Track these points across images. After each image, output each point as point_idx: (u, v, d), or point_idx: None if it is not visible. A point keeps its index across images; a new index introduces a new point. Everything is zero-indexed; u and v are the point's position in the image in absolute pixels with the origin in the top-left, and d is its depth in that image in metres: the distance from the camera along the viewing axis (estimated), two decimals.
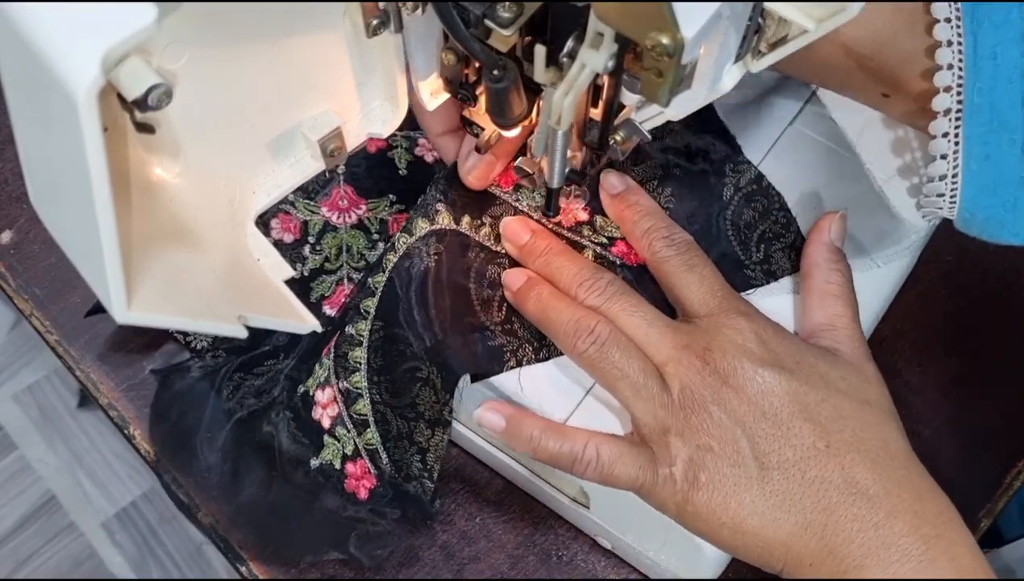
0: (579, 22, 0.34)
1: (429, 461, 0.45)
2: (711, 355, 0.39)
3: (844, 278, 0.43)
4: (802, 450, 0.38)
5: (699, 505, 0.38)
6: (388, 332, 0.45)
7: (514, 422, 0.41)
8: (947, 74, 0.38)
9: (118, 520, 1.31)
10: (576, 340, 0.41)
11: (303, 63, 0.38)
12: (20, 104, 0.31)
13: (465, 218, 0.46)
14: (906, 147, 0.49)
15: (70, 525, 1.31)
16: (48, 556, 1.29)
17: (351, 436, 0.45)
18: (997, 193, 0.39)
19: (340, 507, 0.46)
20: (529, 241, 0.45)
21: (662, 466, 0.39)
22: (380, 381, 0.45)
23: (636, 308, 0.41)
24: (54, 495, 1.33)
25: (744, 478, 0.38)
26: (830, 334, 0.42)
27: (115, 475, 1.33)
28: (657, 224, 0.44)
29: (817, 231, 0.45)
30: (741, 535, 0.38)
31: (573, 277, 0.43)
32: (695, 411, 0.39)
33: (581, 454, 0.40)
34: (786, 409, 0.38)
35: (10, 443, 1.35)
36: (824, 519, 0.37)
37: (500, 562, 0.51)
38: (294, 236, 0.49)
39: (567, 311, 0.41)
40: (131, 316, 0.31)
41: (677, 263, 0.42)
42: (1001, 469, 0.53)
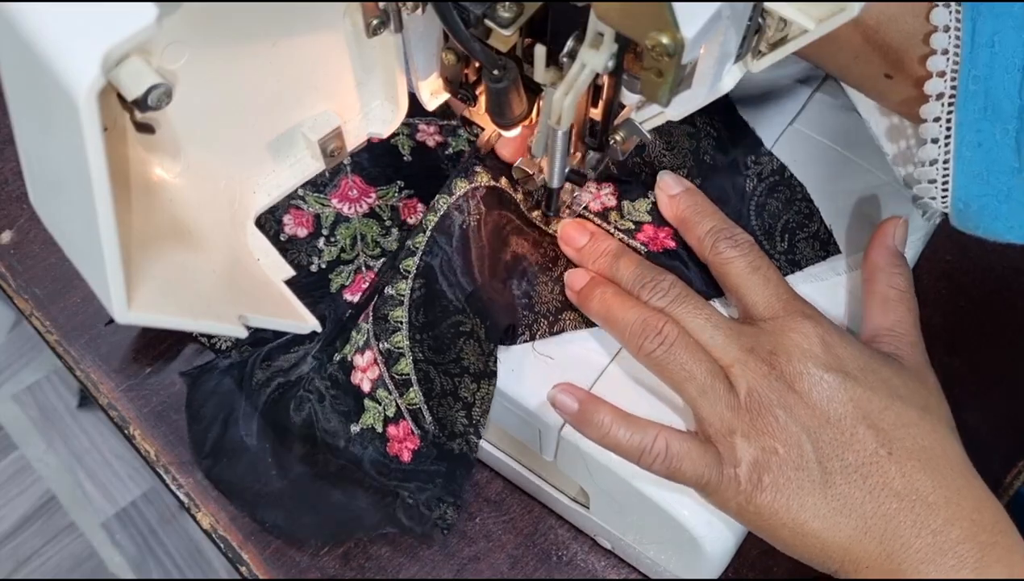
0: (579, 22, 0.34)
1: (475, 416, 0.45)
2: (777, 359, 0.40)
3: (906, 282, 0.44)
4: (865, 456, 0.38)
5: (761, 506, 0.39)
6: (430, 289, 0.45)
7: (587, 407, 0.41)
8: (941, 59, 0.39)
9: (118, 520, 1.31)
10: (643, 341, 0.41)
11: (303, 63, 0.38)
12: (20, 104, 0.31)
13: (503, 179, 0.47)
14: (905, 143, 0.49)
15: (70, 525, 1.31)
16: (48, 556, 1.29)
17: (393, 398, 0.45)
18: (990, 182, 0.39)
19: (381, 474, 0.46)
20: (588, 244, 0.45)
21: (727, 466, 0.39)
22: (423, 339, 0.45)
23: (700, 310, 0.41)
24: (54, 495, 1.33)
25: (807, 482, 0.38)
26: (892, 340, 0.42)
27: (115, 475, 1.34)
28: (719, 225, 0.44)
29: (880, 235, 0.45)
30: (802, 537, 0.38)
31: (636, 278, 0.43)
32: (761, 414, 0.39)
33: (651, 446, 0.39)
34: (850, 416, 0.39)
35: (10, 443, 1.35)
36: (884, 524, 0.38)
37: (500, 562, 0.51)
38: (308, 230, 0.49)
39: (633, 311, 0.41)
40: (131, 316, 0.32)
41: (742, 265, 0.42)
42: (1001, 469, 0.53)
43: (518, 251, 0.46)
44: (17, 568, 1.28)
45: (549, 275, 0.46)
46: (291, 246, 0.48)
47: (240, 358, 0.49)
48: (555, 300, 0.45)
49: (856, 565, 0.38)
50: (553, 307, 0.45)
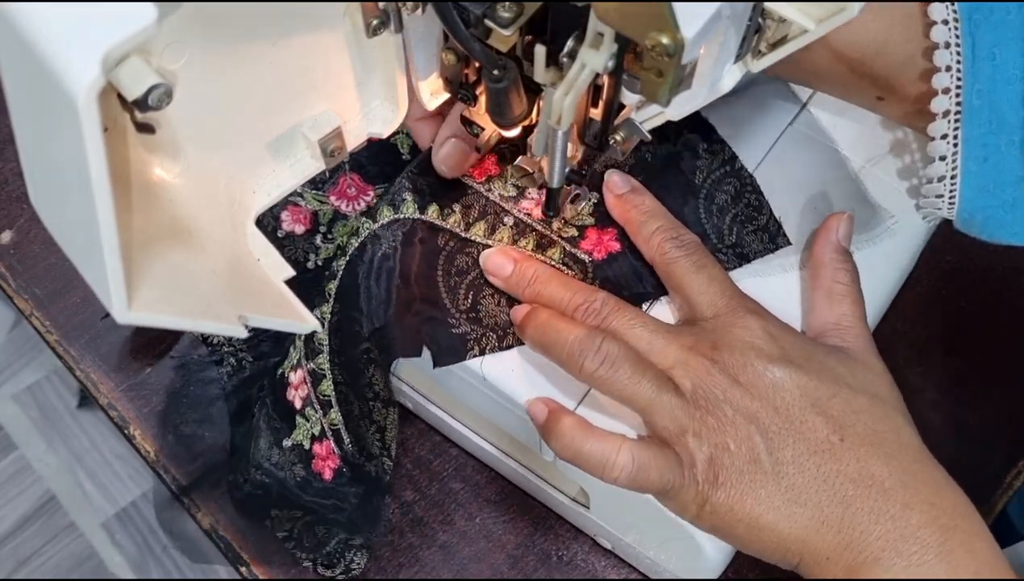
0: (579, 22, 0.34)
1: (388, 439, 0.46)
2: (719, 354, 0.39)
3: (851, 277, 0.43)
4: (816, 444, 0.38)
5: (717, 504, 0.38)
6: (345, 314, 0.45)
7: (554, 416, 0.40)
8: (945, 76, 0.38)
9: (118, 520, 1.31)
10: (583, 361, 0.40)
11: (303, 63, 0.38)
12: (20, 104, 0.31)
13: (432, 207, 0.46)
14: (905, 149, 0.49)
15: (70, 525, 1.31)
16: (48, 556, 1.29)
17: (318, 417, 0.46)
18: (996, 194, 0.39)
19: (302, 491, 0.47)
20: (514, 271, 0.44)
21: (686, 467, 0.39)
22: (339, 362, 0.46)
23: (635, 320, 0.41)
24: (54, 495, 1.33)
25: (759, 474, 0.38)
26: (837, 333, 0.42)
27: (115, 475, 1.34)
28: (664, 225, 0.43)
29: (824, 230, 0.45)
30: (757, 531, 0.38)
31: (568, 303, 0.42)
32: (709, 411, 0.39)
33: (614, 459, 0.39)
34: (798, 404, 0.38)
35: (10, 443, 1.35)
36: (840, 512, 0.37)
37: (500, 562, 0.51)
38: (305, 227, 0.49)
39: (568, 331, 0.41)
40: (132, 316, 0.31)
41: (686, 265, 0.42)
42: (1001, 469, 0.53)
43: (460, 265, 0.45)
44: (17, 568, 1.28)
45: (494, 288, 0.45)
46: (288, 243, 0.49)
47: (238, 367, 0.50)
48: (502, 313, 0.45)
49: (815, 557, 0.37)
50: (500, 321, 0.44)
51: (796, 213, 0.48)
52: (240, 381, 0.51)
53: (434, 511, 0.52)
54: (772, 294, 0.44)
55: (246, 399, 0.50)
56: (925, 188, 0.42)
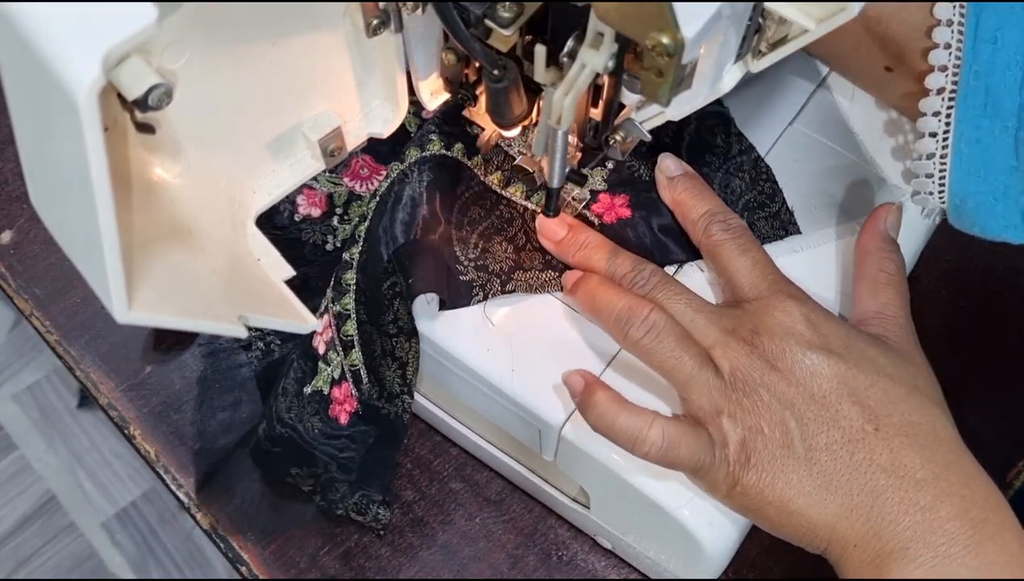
0: (579, 22, 0.34)
1: (408, 375, 0.46)
2: (759, 338, 0.40)
3: (897, 267, 0.43)
4: (850, 432, 0.38)
5: (748, 486, 0.38)
6: (372, 252, 0.46)
7: (589, 388, 0.41)
8: (943, 53, 0.38)
9: (118, 520, 1.31)
10: (629, 328, 0.40)
11: (303, 63, 0.38)
12: (21, 104, 0.31)
13: (458, 145, 0.47)
14: (905, 143, 0.49)
15: (70, 525, 1.31)
16: (48, 556, 1.29)
17: (339, 359, 0.46)
18: (987, 179, 0.39)
19: (321, 437, 0.47)
20: (567, 236, 0.45)
21: (718, 447, 0.39)
22: (364, 301, 0.46)
23: (680, 295, 0.42)
24: (54, 495, 1.33)
25: (792, 459, 0.38)
26: (880, 322, 0.42)
27: (115, 475, 1.33)
28: (713, 208, 0.44)
29: (873, 220, 0.45)
30: (787, 515, 0.38)
31: (615, 270, 0.43)
32: (746, 393, 0.39)
33: (646, 433, 0.39)
34: (834, 392, 0.38)
35: (10, 443, 1.35)
36: (871, 501, 0.37)
37: (500, 562, 0.51)
38: (321, 209, 0.50)
39: (617, 298, 0.41)
40: (132, 316, 0.31)
41: (732, 247, 0.42)
42: (1001, 469, 0.53)
43: (473, 214, 0.46)
44: (17, 568, 1.28)
45: (503, 235, 0.46)
46: (306, 226, 0.49)
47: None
48: (508, 260, 0.45)
49: (843, 543, 0.38)
50: (506, 266, 0.45)
51: (799, 207, 0.48)
52: (270, 363, 0.51)
53: (434, 511, 0.52)
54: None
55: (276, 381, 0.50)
56: (915, 165, 0.42)
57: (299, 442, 0.47)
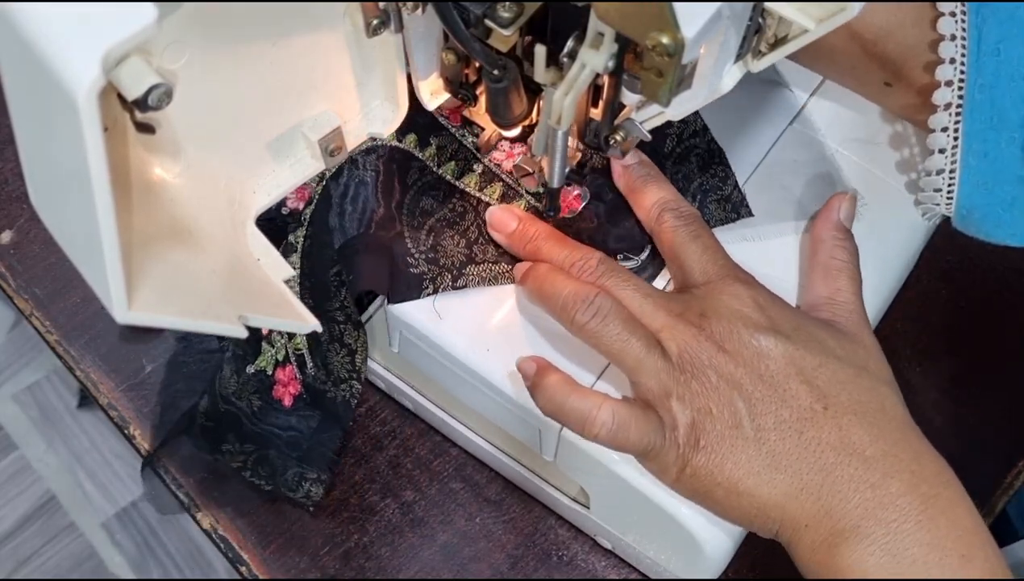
0: (579, 22, 0.34)
1: (357, 362, 0.46)
2: (707, 321, 0.40)
3: (849, 254, 0.44)
4: (799, 411, 0.38)
5: (698, 467, 0.38)
6: (318, 238, 0.46)
7: (541, 372, 0.41)
8: (949, 68, 0.38)
9: (118, 520, 1.31)
10: (575, 313, 0.41)
11: (303, 63, 0.38)
12: (20, 104, 0.31)
13: (411, 136, 0.47)
14: (904, 145, 0.49)
15: (70, 525, 1.31)
16: (48, 556, 1.29)
17: (283, 342, 0.47)
18: (994, 191, 0.39)
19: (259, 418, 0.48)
20: (517, 228, 0.45)
21: (668, 430, 0.39)
22: (308, 285, 0.46)
23: (628, 281, 0.42)
24: (54, 495, 1.33)
25: (740, 439, 0.38)
26: (830, 307, 0.42)
27: (115, 475, 1.33)
28: (666, 196, 0.44)
29: (826, 209, 0.45)
30: (736, 496, 0.38)
31: (564, 259, 0.43)
32: (694, 375, 0.39)
33: (596, 414, 0.39)
34: (782, 372, 0.39)
35: (10, 443, 1.35)
36: (820, 479, 0.37)
37: (500, 562, 0.51)
38: (306, 203, 0.50)
39: (564, 284, 0.42)
40: (132, 316, 0.31)
41: (683, 234, 0.43)
42: (1001, 469, 0.53)
43: (425, 206, 0.46)
44: (17, 568, 1.28)
45: (455, 229, 0.46)
46: (292, 220, 0.49)
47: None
48: (459, 254, 0.46)
49: (794, 524, 0.38)
50: (457, 261, 0.45)
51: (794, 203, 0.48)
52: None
53: (434, 511, 0.52)
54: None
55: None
56: (923, 181, 0.42)
57: (242, 419, 0.48)
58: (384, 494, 0.52)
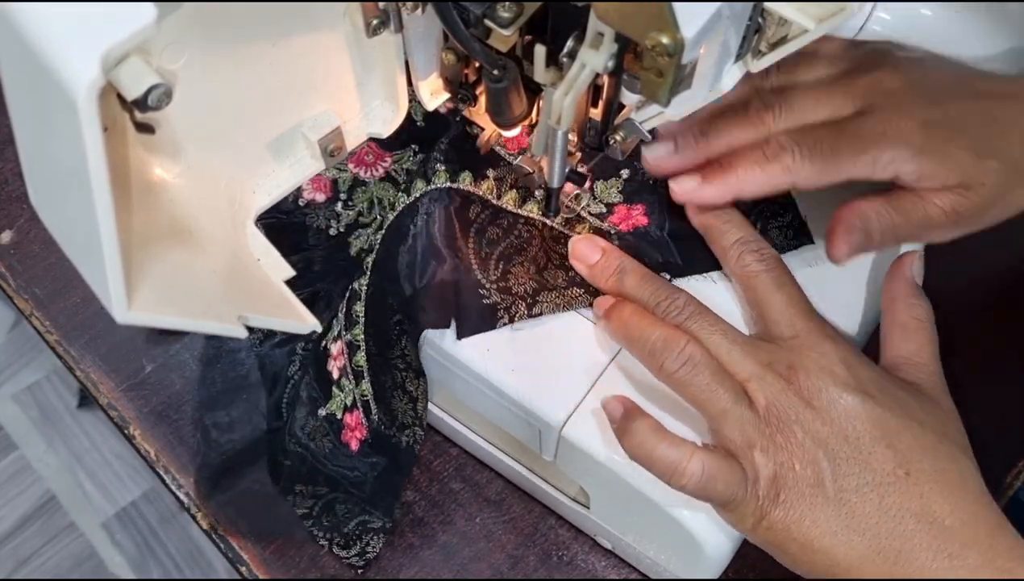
0: (579, 22, 0.34)
1: (419, 410, 0.47)
2: (795, 375, 0.40)
3: (926, 314, 0.44)
4: (882, 475, 0.38)
5: (775, 521, 0.38)
6: (379, 286, 0.46)
7: (629, 415, 0.41)
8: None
9: (118, 520, 1.31)
10: (664, 360, 0.40)
11: (303, 63, 0.38)
12: (20, 104, 0.31)
13: (465, 174, 0.47)
14: None
15: (70, 525, 1.31)
16: (48, 556, 1.29)
17: (351, 387, 0.47)
18: None
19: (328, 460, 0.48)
20: (600, 260, 0.44)
21: (750, 482, 0.39)
22: (372, 333, 0.46)
23: (715, 325, 0.41)
24: (54, 495, 1.33)
25: (821, 498, 0.38)
26: (911, 368, 0.42)
27: (115, 475, 1.34)
28: (745, 237, 0.44)
29: (899, 266, 0.45)
30: (811, 553, 0.38)
31: (649, 296, 0.42)
32: (780, 429, 0.39)
33: (686, 466, 0.39)
34: (868, 434, 0.39)
35: (10, 443, 1.36)
36: (899, 545, 0.37)
37: (500, 562, 0.51)
38: (326, 194, 0.50)
39: (653, 329, 0.41)
40: (131, 316, 0.31)
41: (767, 281, 0.42)
42: (1001, 469, 0.53)
43: (491, 236, 0.46)
44: (17, 568, 1.28)
45: (524, 256, 0.46)
46: (310, 210, 0.49)
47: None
48: (531, 281, 0.45)
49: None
50: (530, 289, 0.45)
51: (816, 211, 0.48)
52: (271, 347, 0.51)
53: (434, 511, 0.52)
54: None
55: (280, 366, 0.50)
56: None
57: (310, 459, 0.48)
58: None
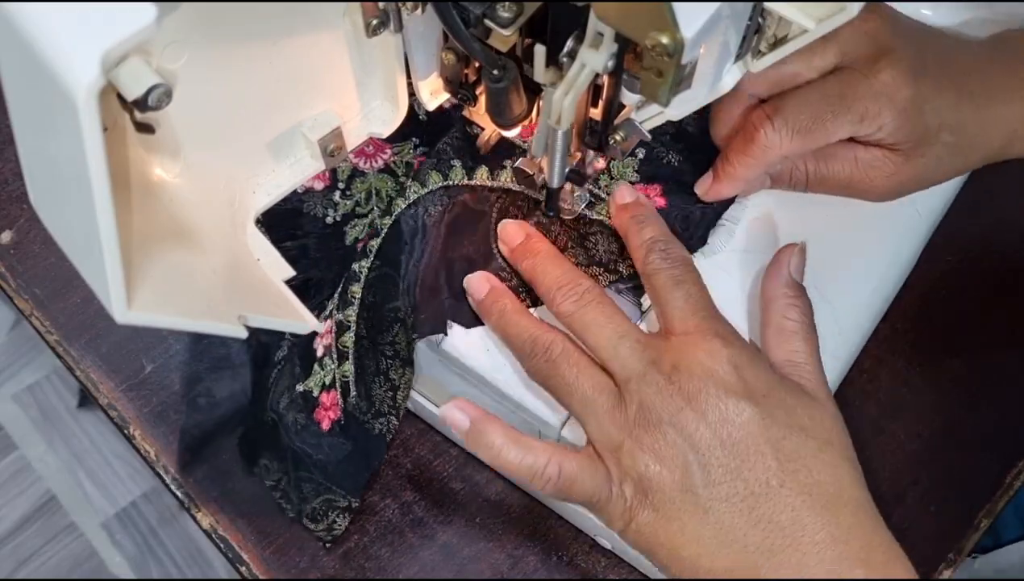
0: (579, 22, 0.34)
1: (399, 399, 0.46)
2: (678, 375, 0.38)
3: (801, 313, 0.42)
4: (754, 485, 0.37)
5: (642, 524, 0.38)
6: (383, 272, 0.46)
7: (478, 426, 0.40)
8: None
9: (118, 520, 1.31)
10: (531, 357, 0.41)
11: (303, 63, 0.38)
12: (20, 104, 0.31)
13: (481, 170, 0.47)
14: None
15: (70, 525, 1.31)
16: (48, 556, 1.29)
17: (332, 367, 0.47)
18: None
19: (298, 436, 0.48)
20: (523, 243, 0.45)
21: (614, 484, 0.38)
22: (366, 316, 0.46)
23: (609, 319, 0.40)
24: (54, 495, 1.33)
25: (690, 504, 0.37)
26: (793, 369, 0.41)
27: (115, 475, 1.34)
28: (656, 237, 0.43)
29: (776, 265, 0.44)
30: (677, 560, 0.37)
31: (554, 280, 0.42)
32: (649, 430, 0.38)
33: (542, 470, 0.39)
34: (745, 441, 0.37)
35: (10, 443, 1.35)
36: (764, 561, 0.36)
37: (500, 562, 0.51)
38: (324, 183, 0.50)
39: (524, 328, 0.41)
40: (131, 316, 0.31)
41: (666, 277, 0.41)
42: (1001, 469, 0.53)
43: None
44: (17, 568, 1.28)
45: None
46: (308, 198, 0.49)
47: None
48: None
49: None
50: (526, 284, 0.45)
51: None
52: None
53: (434, 511, 0.52)
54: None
55: (266, 342, 0.50)
56: None
57: (283, 433, 0.48)
58: (384, 494, 0.52)
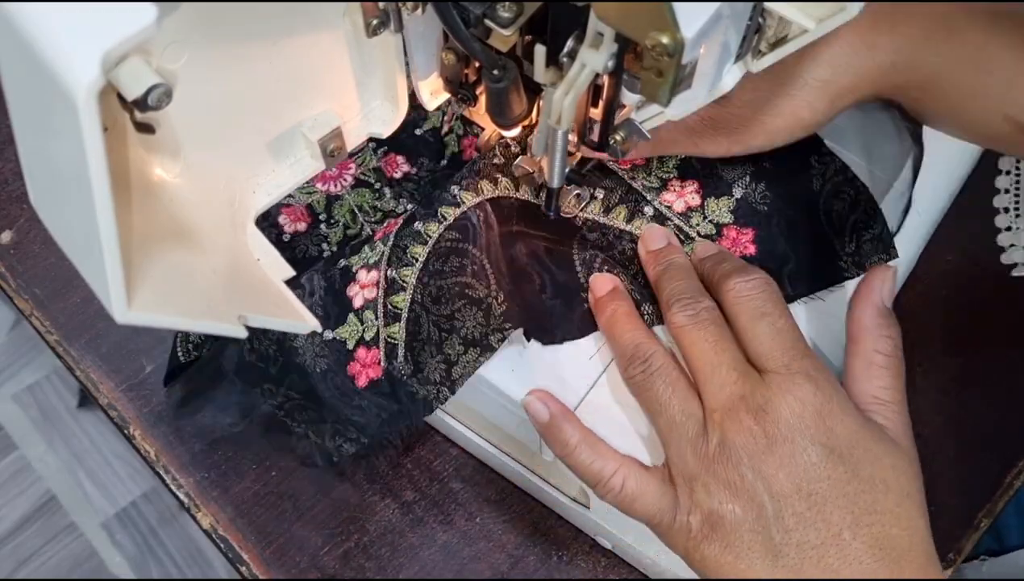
0: (579, 22, 0.34)
1: (455, 374, 0.44)
2: (765, 417, 0.38)
3: (894, 347, 0.42)
4: (826, 536, 0.37)
5: (708, 557, 0.38)
6: (459, 246, 0.45)
7: (556, 421, 0.41)
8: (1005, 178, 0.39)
9: (118, 520, 1.31)
10: (629, 365, 0.41)
11: (303, 63, 0.38)
12: (20, 104, 0.31)
13: (500, 178, 0.47)
14: (904, 141, 0.49)
15: (70, 525, 1.31)
16: (48, 556, 1.29)
17: (377, 324, 0.45)
18: None
19: (332, 387, 0.46)
20: (662, 249, 0.45)
21: (681, 512, 0.38)
22: (429, 283, 0.45)
23: (715, 343, 0.40)
24: (54, 495, 1.33)
25: (759, 546, 0.37)
26: (877, 408, 0.41)
27: (115, 475, 1.34)
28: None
29: (867, 290, 0.43)
30: None
31: (678, 290, 0.42)
32: (726, 467, 0.38)
33: (608, 479, 0.40)
34: (822, 493, 0.37)
35: (10, 443, 1.35)
36: None
37: (500, 562, 0.51)
38: (306, 222, 0.50)
39: (631, 334, 0.41)
40: (131, 316, 0.31)
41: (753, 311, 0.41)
42: (1001, 469, 0.53)
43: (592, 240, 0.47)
44: (17, 568, 1.28)
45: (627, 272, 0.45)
46: (297, 242, 0.49)
47: None
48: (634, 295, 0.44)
49: None
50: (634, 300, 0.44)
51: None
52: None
53: (434, 511, 0.52)
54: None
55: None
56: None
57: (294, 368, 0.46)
58: (384, 494, 0.52)
